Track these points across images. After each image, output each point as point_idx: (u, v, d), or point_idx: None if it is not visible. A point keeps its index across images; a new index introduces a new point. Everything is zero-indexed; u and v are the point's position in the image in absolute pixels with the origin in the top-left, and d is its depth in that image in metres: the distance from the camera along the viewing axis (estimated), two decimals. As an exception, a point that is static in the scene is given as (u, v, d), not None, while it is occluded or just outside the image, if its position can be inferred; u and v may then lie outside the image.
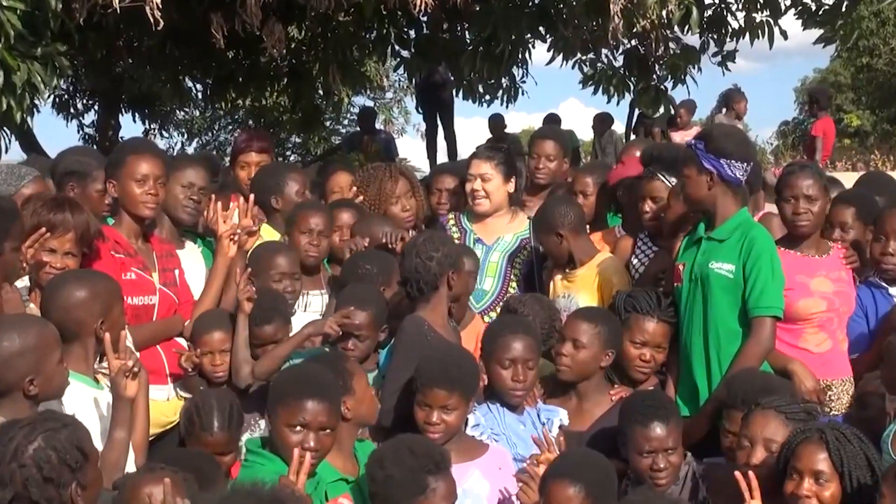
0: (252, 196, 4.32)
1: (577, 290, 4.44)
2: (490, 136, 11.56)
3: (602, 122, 12.46)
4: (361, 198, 4.88)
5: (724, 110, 11.02)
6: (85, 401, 3.01)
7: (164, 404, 3.79)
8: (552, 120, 11.86)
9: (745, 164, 3.89)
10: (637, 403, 3.44)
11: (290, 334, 3.83)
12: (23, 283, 3.47)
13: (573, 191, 4.96)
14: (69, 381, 2.88)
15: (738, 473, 2.97)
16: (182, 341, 3.91)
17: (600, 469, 3.06)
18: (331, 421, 3.00)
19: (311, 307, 4.24)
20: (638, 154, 4.96)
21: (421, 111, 12.38)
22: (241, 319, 3.75)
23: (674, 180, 4.32)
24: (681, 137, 10.69)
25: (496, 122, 11.74)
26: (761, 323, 3.78)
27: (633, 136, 11.36)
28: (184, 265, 4.12)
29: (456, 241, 4.59)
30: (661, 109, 9.77)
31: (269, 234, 4.47)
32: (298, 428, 2.94)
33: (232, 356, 3.76)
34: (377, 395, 3.50)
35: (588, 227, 4.74)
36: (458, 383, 3.26)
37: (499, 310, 4.55)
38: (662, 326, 3.97)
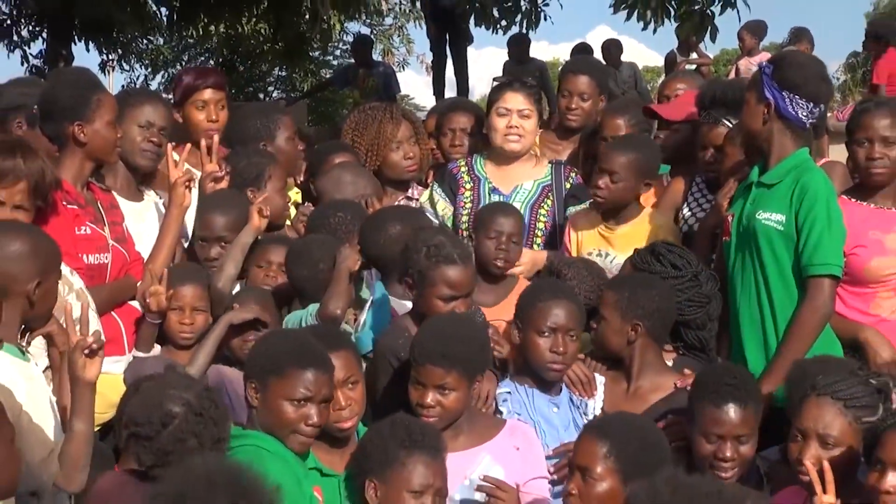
0: (216, 138, 4.48)
1: (619, 250, 4.46)
2: (508, 60, 11.38)
3: (612, 51, 11.73)
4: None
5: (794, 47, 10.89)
6: (9, 375, 2.98)
7: (121, 379, 3.78)
8: (583, 51, 11.51)
9: (812, 104, 3.86)
10: (713, 377, 3.40)
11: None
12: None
13: (601, 136, 5.01)
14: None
15: (808, 464, 3.02)
16: (136, 305, 4.01)
17: (637, 430, 3.12)
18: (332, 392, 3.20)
19: None
20: (679, 87, 5.08)
21: (430, 37, 12.31)
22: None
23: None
24: (746, 65, 10.69)
25: (519, 44, 11.36)
26: (817, 284, 3.74)
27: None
28: (140, 221, 4.23)
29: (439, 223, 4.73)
30: (707, 38, 9.65)
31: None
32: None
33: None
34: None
35: None
36: (458, 360, 3.26)
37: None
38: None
